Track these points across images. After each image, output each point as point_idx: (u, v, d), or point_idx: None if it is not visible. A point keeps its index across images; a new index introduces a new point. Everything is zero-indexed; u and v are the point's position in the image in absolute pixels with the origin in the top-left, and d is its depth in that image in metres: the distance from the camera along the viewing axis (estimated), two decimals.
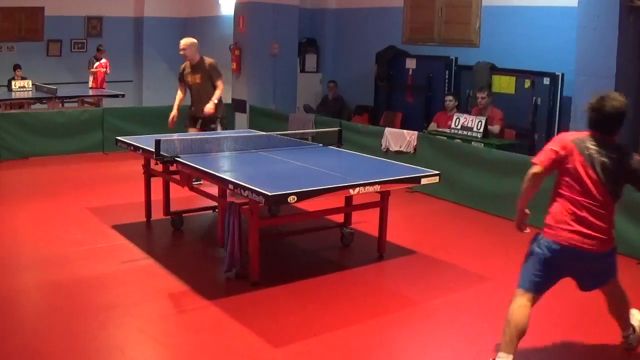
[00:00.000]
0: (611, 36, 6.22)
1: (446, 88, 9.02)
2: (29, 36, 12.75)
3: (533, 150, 7.75)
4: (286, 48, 10.56)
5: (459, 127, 7.48)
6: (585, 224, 3.19)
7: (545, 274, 3.28)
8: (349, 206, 5.29)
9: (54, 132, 8.86)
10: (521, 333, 3.24)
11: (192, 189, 5.29)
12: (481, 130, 7.22)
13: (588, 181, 3.18)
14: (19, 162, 8.44)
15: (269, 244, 5.27)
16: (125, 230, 5.68)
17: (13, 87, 10.85)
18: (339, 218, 5.60)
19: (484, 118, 7.33)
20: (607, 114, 3.21)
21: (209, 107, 6.78)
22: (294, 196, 4.01)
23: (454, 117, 7.65)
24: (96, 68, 12.20)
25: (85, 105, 10.96)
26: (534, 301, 3.30)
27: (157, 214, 5.92)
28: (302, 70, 11.53)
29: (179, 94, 7.15)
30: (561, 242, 3.21)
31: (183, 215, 5.84)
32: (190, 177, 5.14)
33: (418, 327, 3.98)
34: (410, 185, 5.65)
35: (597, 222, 3.19)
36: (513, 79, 8.18)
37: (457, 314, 4.17)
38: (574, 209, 3.20)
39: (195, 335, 3.74)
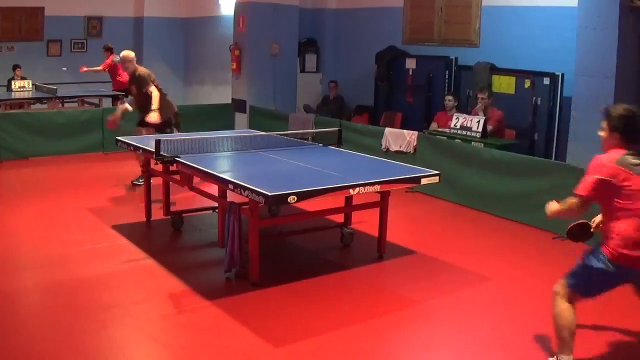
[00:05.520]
0: (611, 36, 6.21)
1: (446, 88, 9.02)
2: (29, 36, 12.73)
3: (533, 150, 7.76)
4: (286, 48, 10.56)
5: (458, 127, 7.49)
6: None
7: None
8: (349, 206, 5.30)
9: (54, 132, 8.86)
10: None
11: (192, 189, 5.29)
12: (480, 130, 7.22)
13: None
14: (19, 162, 8.44)
15: (269, 244, 5.27)
16: (125, 230, 5.68)
17: (13, 87, 10.84)
18: (339, 218, 5.60)
19: (484, 118, 7.33)
20: None
21: (153, 117, 6.67)
22: (294, 196, 4.01)
23: (454, 117, 7.65)
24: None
25: (85, 105, 10.95)
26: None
27: (157, 214, 5.92)
28: (302, 70, 11.53)
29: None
30: None
31: (183, 215, 5.84)
32: (190, 177, 5.14)
33: (418, 327, 3.98)
34: (410, 185, 5.63)
35: None
36: (513, 79, 8.18)
37: (457, 314, 4.17)
38: None
39: (195, 335, 3.74)
